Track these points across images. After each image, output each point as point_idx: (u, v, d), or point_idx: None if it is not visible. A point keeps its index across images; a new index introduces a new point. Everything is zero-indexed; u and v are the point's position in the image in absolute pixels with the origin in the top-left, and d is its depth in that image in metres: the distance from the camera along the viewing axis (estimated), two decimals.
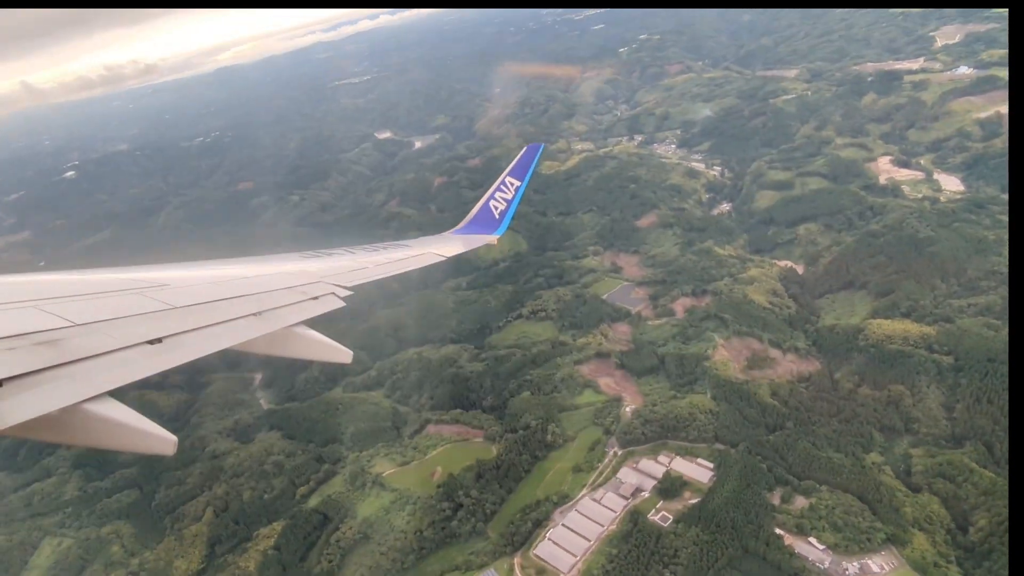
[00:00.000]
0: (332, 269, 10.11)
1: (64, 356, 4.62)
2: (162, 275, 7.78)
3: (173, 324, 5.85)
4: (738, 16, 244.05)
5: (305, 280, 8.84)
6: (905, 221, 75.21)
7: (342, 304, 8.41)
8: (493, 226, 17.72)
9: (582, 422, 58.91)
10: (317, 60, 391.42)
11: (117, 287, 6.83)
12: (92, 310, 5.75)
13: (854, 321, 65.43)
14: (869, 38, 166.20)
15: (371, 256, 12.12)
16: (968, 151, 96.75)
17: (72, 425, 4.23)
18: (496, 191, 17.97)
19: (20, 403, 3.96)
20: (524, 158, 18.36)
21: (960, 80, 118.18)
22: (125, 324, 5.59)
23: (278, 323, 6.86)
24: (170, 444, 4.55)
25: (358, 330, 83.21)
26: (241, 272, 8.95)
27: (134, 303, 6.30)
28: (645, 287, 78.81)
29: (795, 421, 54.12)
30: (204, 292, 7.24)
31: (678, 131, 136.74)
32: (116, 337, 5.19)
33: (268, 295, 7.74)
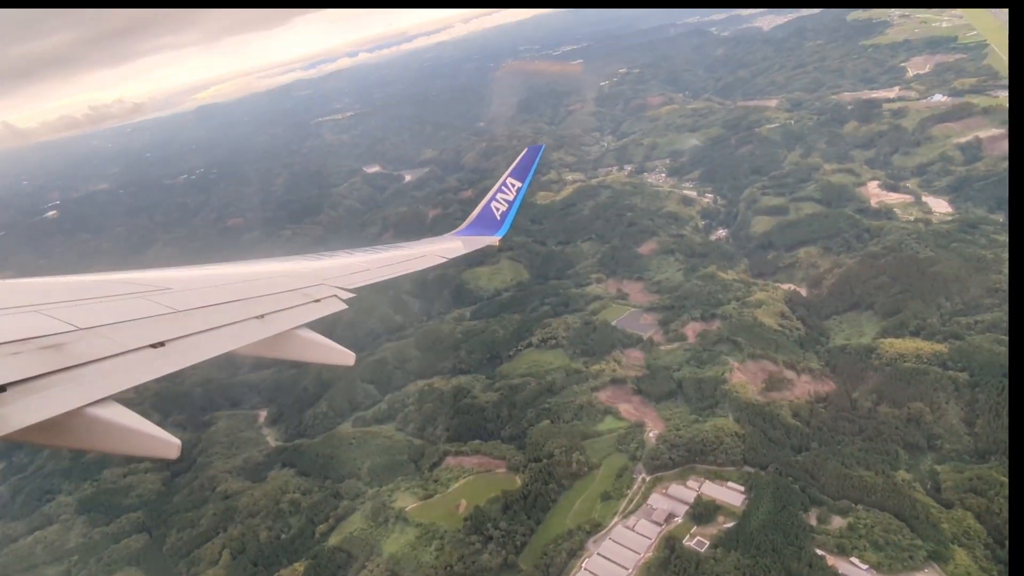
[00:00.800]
0: (334, 271, 10.15)
1: (68, 360, 4.64)
2: (164, 278, 7.82)
3: (176, 327, 5.88)
4: (712, 50, 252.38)
5: (307, 282, 8.89)
6: (904, 242, 77.23)
7: (344, 306, 8.45)
8: (495, 227, 18.00)
9: (605, 449, 58.51)
10: (298, 97, 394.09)
11: (119, 291, 6.88)
12: (95, 314, 5.76)
13: (864, 341, 66.45)
14: (843, 69, 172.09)
15: (372, 258, 12.16)
16: (952, 174, 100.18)
17: (76, 429, 4.23)
18: (497, 192, 18.13)
19: (25, 407, 3.96)
20: (525, 159, 18.38)
21: (937, 107, 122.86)
22: (128, 328, 5.62)
23: (281, 326, 6.89)
24: (174, 448, 4.58)
25: (365, 363, 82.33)
26: (243, 275, 9.00)
27: (137, 307, 6.36)
28: (653, 313, 79.34)
29: (819, 441, 54.46)
30: (206, 295, 7.29)
31: (667, 160, 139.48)
32: (119, 341, 5.22)
33: (270, 298, 7.77)
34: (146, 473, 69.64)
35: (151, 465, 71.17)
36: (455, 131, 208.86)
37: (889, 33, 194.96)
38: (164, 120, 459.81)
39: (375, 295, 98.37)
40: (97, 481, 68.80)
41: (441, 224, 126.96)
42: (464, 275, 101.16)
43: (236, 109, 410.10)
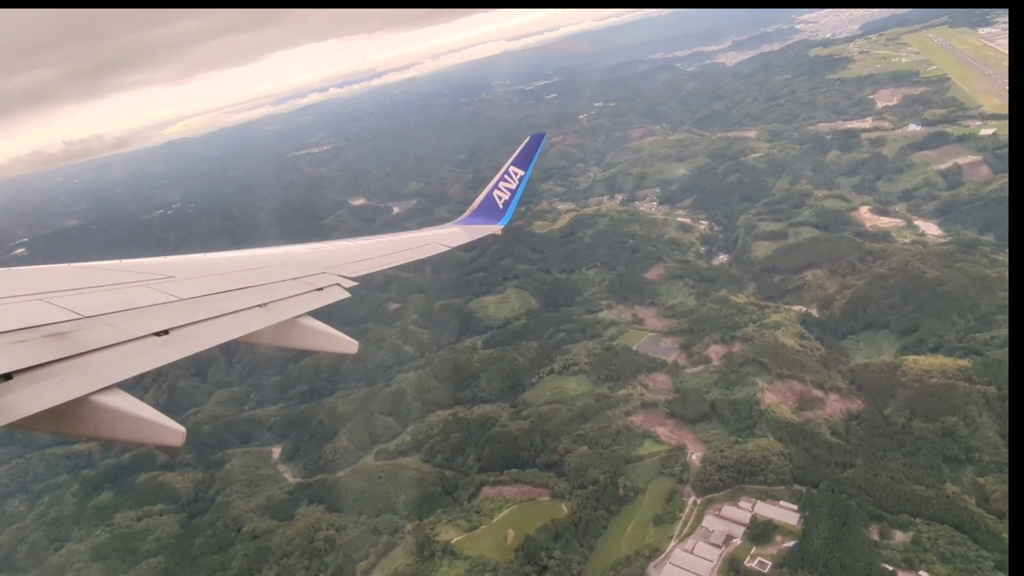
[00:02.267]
0: (337, 260, 10.19)
1: (73, 348, 4.66)
2: (168, 267, 7.88)
3: (179, 316, 5.91)
4: (682, 85, 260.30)
5: (310, 271, 8.94)
6: (909, 263, 79.97)
7: (347, 295, 8.49)
8: (497, 216, 17.92)
9: (649, 473, 58.25)
10: (269, 132, 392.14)
11: (123, 279, 6.95)
12: (99, 303, 5.79)
13: (885, 359, 68.15)
14: (814, 101, 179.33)
15: (375, 246, 12.23)
16: (938, 199, 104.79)
17: (82, 417, 4.25)
18: (500, 181, 18.14)
19: (31, 395, 4.00)
20: (527, 148, 18.44)
21: (913, 136, 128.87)
22: (132, 316, 5.64)
23: (284, 314, 6.89)
24: (179, 435, 4.54)
25: (382, 395, 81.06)
26: (246, 263, 9.08)
27: (141, 295, 6.38)
28: (673, 337, 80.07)
29: (862, 457, 55.25)
30: (210, 284, 7.35)
31: (657, 189, 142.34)
32: (123, 329, 5.23)
33: (274, 286, 7.82)
34: (161, 516, 66.52)
35: (165, 507, 68.24)
36: (438, 163, 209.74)
37: (852, 68, 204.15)
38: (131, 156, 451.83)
39: (383, 326, 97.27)
40: (110, 526, 65.21)
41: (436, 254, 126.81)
42: (471, 304, 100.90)
43: (206, 144, 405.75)
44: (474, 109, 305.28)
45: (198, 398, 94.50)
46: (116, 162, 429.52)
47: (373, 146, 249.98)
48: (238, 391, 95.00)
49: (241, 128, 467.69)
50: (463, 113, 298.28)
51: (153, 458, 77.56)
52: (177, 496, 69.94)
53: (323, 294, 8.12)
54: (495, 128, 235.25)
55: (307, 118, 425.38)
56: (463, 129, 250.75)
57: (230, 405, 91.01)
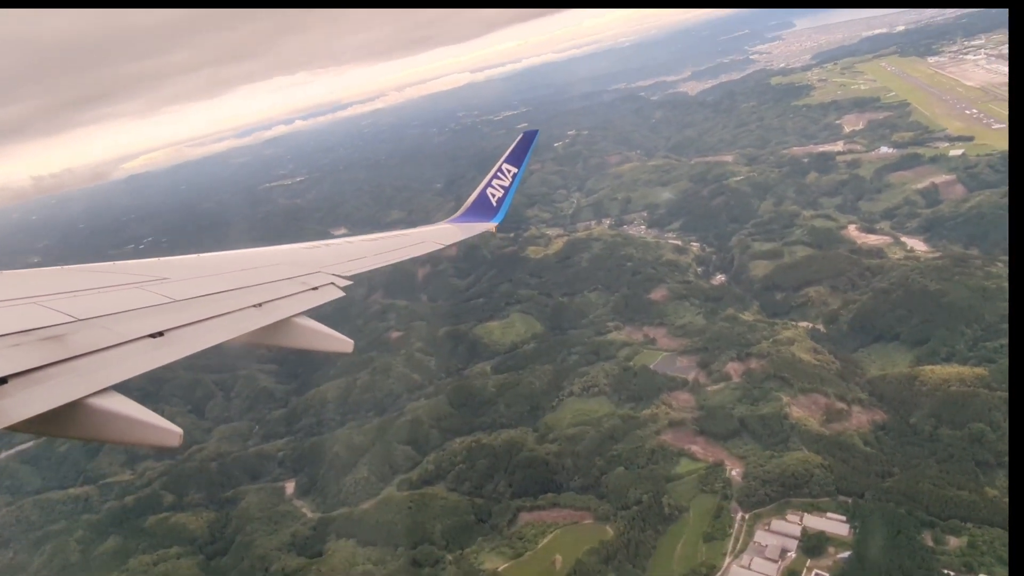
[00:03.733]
0: (331, 259, 10.39)
1: (68, 352, 4.73)
2: (162, 268, 7.97)
3: (174, 317, 6.04)
4: (650, 113, 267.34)
5: (304, 270, 9.06)
6: (909, 277, 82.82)
7: (342, 294, 8.58)
8: (491, 214, 18.14)
9: (689, 491, 58.13)
10: (236, 164, 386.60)
11: (117, 281, 7.00)
12: (93, 305, 5.87)
13: (900, 370, 69.97)
14: (783, 127, 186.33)
15: (369, 246, 12.40)
16: (919, 216, 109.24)
17: (78, 420, 4.32)
18: (493, 178, 18.38)
19: (27, 399, 4.05)
20: (520, 145, 18.81)
21: (886, 158, 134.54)
22: (127, 318, 5.73)
23: (279, 314, 7.04)
24: (176, 436, 4.58)
25: (398, 424, 79.39)
26: (240, 263, 9.17)
27: (135, 297, 6.48)
28: (688, 356, 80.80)
29: (898, 466, 56.28)
30: (204, 285, 7.42)
31: (644, 213, 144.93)
32: (118, 332, 5.32)
33: (268, 286, 7.94)
34: (179, 559, 63.18)
35: (182, 549, 64.99)
36: (416, 193, 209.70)
37: (815, 95, 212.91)
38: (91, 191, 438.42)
39: (386, 355, 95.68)
40: (125, 572, 61.55)
41: (432, 283, 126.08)
42: (476, 330, 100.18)
43: (171, 177, 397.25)
44: (445, 139, 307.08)
45: (197, 435, 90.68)
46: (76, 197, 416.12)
47: (348, 176, 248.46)
48: (240, 426, 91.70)
49: (207, 161, 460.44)
50: (434, 143, 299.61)
51: (159, 499, 74.03)
52: (192, 537, 66.56)
53: (318, 293, 8.17)
54: (469, 157, 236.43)
55: (274, 150, 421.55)
56: (437, 159, 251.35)
57: (234, 441, 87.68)
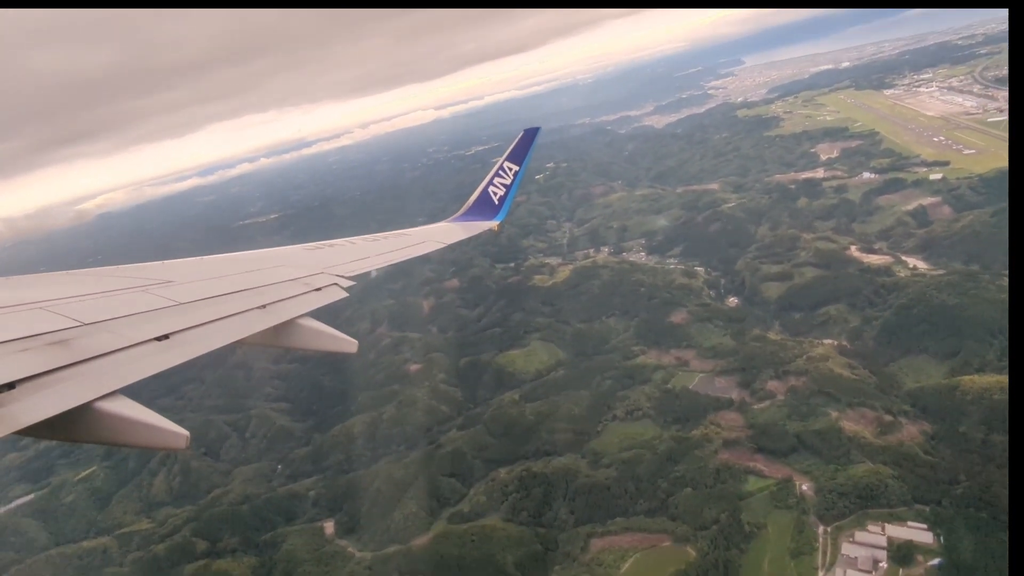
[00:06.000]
0: (334, 259, 10.57)
1: (75, 356, 4.83)
2: (166, 272, 8.10)
3: (179, 320, 6.15)
4: (623, 146, 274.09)
5: (308, 271, 9.21)
6: (926, 293, 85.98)
7: (345, 295, 8.81)
8: (493, 212, 18.54)
9: (764, 508, 58.09)
10: (203, 203, 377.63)
11: (122, 285, 7.12)
12: (99, 309, 5.96)
13: (937, 382, 72.10)
14: (761, 156, 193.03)
15: (372, 245, 12.65)
16: (914, 236, 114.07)
17: (85, 423, 4.40)
18: (495, 177, 18.69)
19: (35, 404, 4.13)
20: (521, 142, 18.91)
21: (871, 183, 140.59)
22: (132, 322, 5.82)
23: (283, 315, 7.16)
24: (182, 438, 4.66)
25: (437, 456, 77.50)
26: (244, 265, 9.36)
27: (140, 301, 6.60)
28: (726, 376, 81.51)
29: (963, 473, 57.52)
30: (208, 287, 7.55)
31: (642, 240, 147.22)
32: (124, 335, 5.41)
33: (272, 288, 8.05)
34: None
35: None
36: (404, 226, 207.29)
37: (784, 126, 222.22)
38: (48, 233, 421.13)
39: (410, 387, 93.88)
40: None
41: (440, 315, 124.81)
42: (499, 359, 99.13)
43: (134, 217, 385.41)
44: (419, 174, 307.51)
45: (216, 479, 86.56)
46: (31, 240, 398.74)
47: (325, 213, 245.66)
48: (261, 467, 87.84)
49: (170, 200, 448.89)
50: (408, 178, 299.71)
51: (192, 547, 69.95)
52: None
53: (322, 294, 8.31)
54: (448, 191, 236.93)
55: (241, 188, 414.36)
56: (415, 193, 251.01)
57: (258, 483, 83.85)
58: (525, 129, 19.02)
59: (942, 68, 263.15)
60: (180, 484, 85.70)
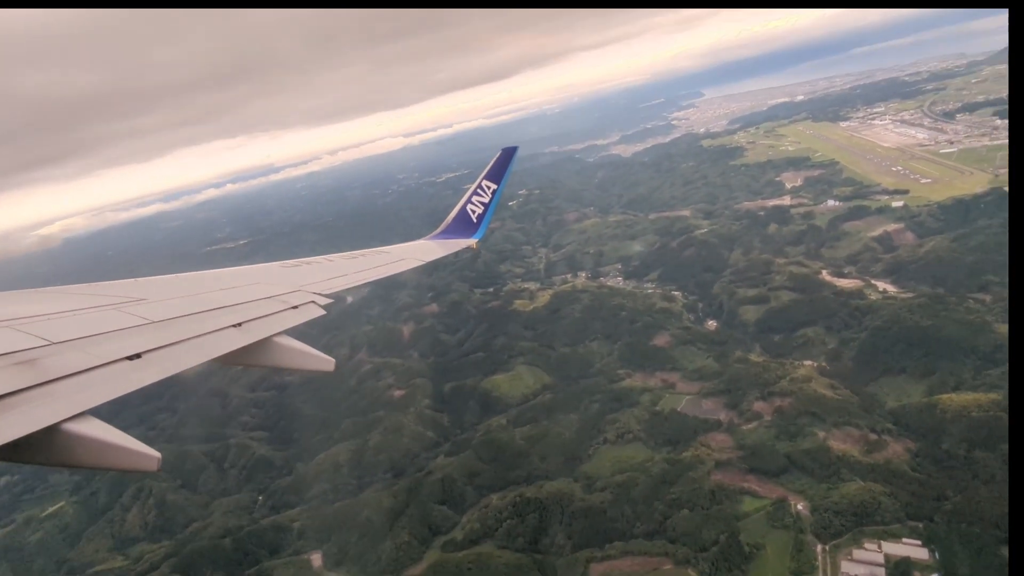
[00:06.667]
0: (311, 277, 10.41)
1: (42, 376, 4.70)
2: (139, 289, 7.99)
3: (152, 339, 6.00)
4: (592, 174, 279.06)
5: (285, 289, 9.10)
6: (899, 315, 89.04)
7: (323, 312, 8.61)
8: (471, 230, 18.59)
9: (761, 528, 58.58)
10: (168, 229, 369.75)
11: (92, 303, 6.95)
12: (68, 327, 5.84)
13: (916, 400, 74.37)
14: (728, 184, 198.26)
15: (350, 263, 12.49)
16: (882, 261, 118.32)
17: (53, 445, 4.24)
18: (473, 195, 18.77)
19: (0, 425, 4.00)
20: (499, 161, 19.10)
21: (835, 210, 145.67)
22: (103, 341, 5.69)
23: (259, 333, 7.03)
24: (154, 460, 4.49)
25: (427, 483, 76.31)
26: (219, 283, 9.17)
27: (111, 319, 6.43)
28: (712, 398, 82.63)
29: (950, 489, 59.19)
30: (182, 305, 7.41)
31: (618, 265, 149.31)
32: (94, 354, 5.27)
33: (248, 306, 7.93)
34: None
35: None
36: None
37: (748, 156, 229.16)
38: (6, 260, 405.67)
39: (394, 414, 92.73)
40: None
41: (420, 340, 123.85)
42: (484, 384, 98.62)
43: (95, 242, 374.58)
44: (391, 200, 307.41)
45: (194, 511, 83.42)
46: None
47: (295, 238, 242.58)
48: (242, 498, 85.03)
49: (133, 225, 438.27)
50: (380, 204, 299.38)
51: None
52: None
53: (299, 312, 8.20)
54: (421, 217, 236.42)
55: (207, 214, 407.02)
56: (387, 219, 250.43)
57: (239, 515, 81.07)
58: (503, 148, 19.30)
59: (893, 102, 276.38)
60: (156, 518, 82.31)
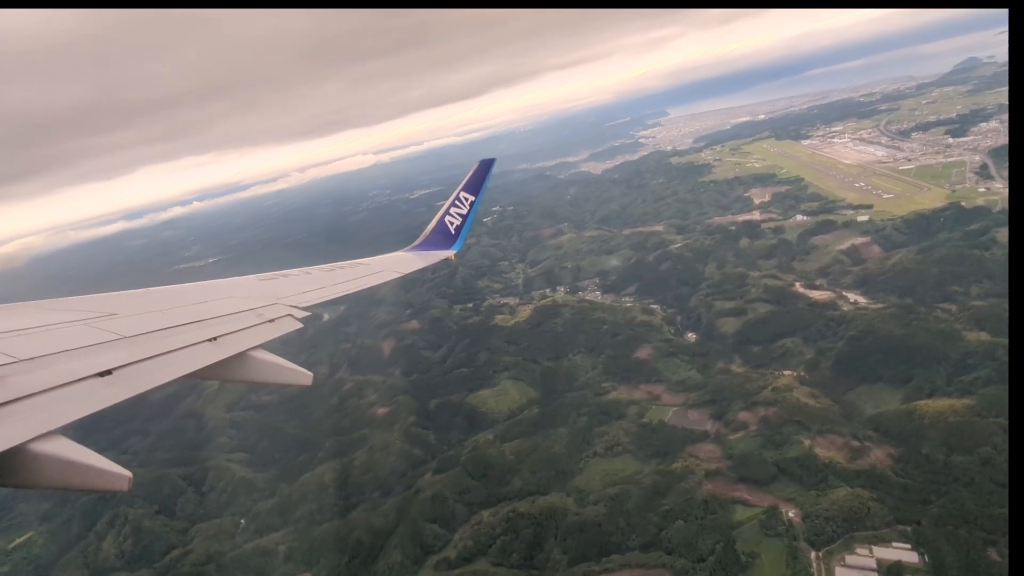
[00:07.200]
0: (288, 290, 10.29)
1: (8, 394, 4.56)
2: (110, 304, 7.82)
3: (123, 354, 5.87)
4: (564, 191, 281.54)
5: (261, 302, 8.99)
6: (874, 325, 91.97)
7: (300, 325, 8.55)
8: (449, 242, 18.73)
9: (755, 536, 59.50)
10: (132, 248, 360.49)
11: (62, 319, 6.81)
12: (36, 344, 5.74)
13: (895, 407, 76.72)
14: (698, 200, 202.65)
15: (327, 275, 12.37)
16: (851, 273, 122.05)
17: (19, 466, 4.10)
18: (451, 207, 18.89)
19: None
20: (477, 173, 19.23)
21: (804, 225, 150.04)
22: (72, 357, 5.58)
23: (234, 348, 6.94)
24: (124, 480, 4.38)
25: (417, 501, 75.68)
26: (194, 297, 9.07)
27: (81, 334, 6.29)
28: (698, 409, 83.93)
29: (933, 493, 61.09)
30: (155, 320, 7.31)
31: (596, 280, 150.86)
32: (63, 371, 5.17)
33: (223, 319, 7.85)
34: None
35: None
36: None
37: (716, 172, 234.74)
38: None
39: (379, 432, 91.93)
40: None
41: (403, 357, 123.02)
42: (469, 400, 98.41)
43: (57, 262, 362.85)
44: (364, 217, 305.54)
45: (173, 538, 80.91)
46: None
47: (269, 256, 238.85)
48: (224, 522, 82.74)
49: (96, 244, 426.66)
50: (352, 221, 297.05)
51: None
52: None
53: (275, 325, 8.12)
54: (395, 234, 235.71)
55: (173, 232, 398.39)
56: (361, 235, 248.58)
57: (222, 540, 78.85)
58: (480, 160, 19.46)
59: (850, 121, 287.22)
60: (132, 546, 79.57)
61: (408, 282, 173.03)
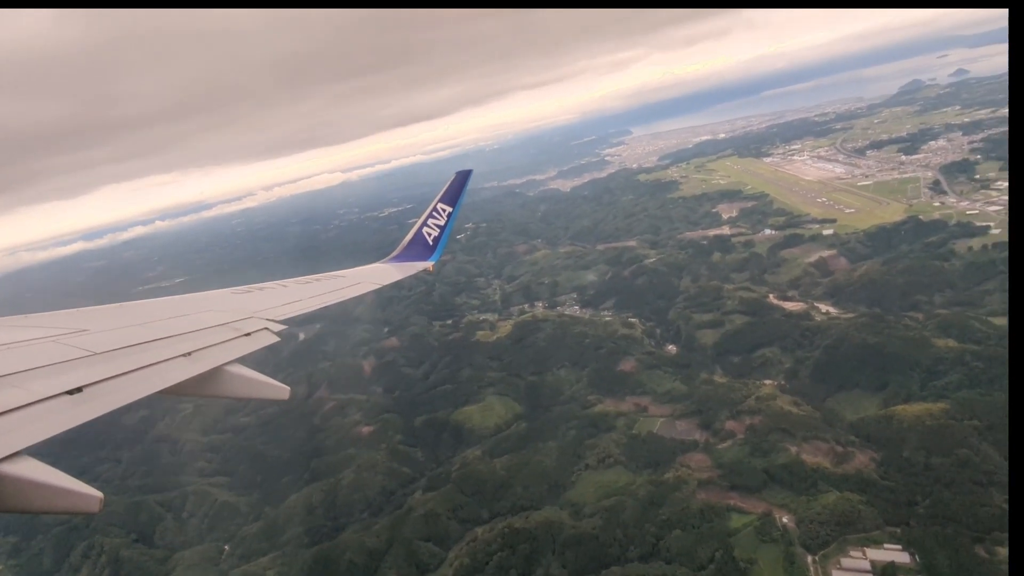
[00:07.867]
0: (264, 303, 10.15)
1: None
2: (80, 320, 7.75)
3: (94, 371, 5.74)
4: (535, 207, 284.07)
5: (236, 316, 8.87)
6: (847, 334, 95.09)
7: (276, 339, 8.45)
8: (428, 253, 18.71)
9: (751, 543, 60.61)
10: (91, 269, 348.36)
11: (30, 336, 6.69)
12: (3, 362, 5.61)
13: (873, 413, 79.35)
14: (668, 216, 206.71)
15: (304, 288, 12.23)
16: (821, 285, 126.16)
17: None
18: (428, 218, 18.89)
19: None
20: (454, 184, 19.40)
21: (772, 239, 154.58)
22: (41, 375, 5.45)
23: (210, 363, 6.82)
24: (95, 501, 4.25)
25: (409, 520, 75.02)
26: (168, 311, 8.90)
27: (50, 351, 6.18)
28: (685, 419, 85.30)
29: (918, 494, 63.31)
30: (128, 335, 7.14)
31: (574, 295, 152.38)
32: (31, 390, 5.02)
33: (197, 334, 7.72)
34: None
35: None
36: None
37: (683, 189, 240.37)
38: None
39: (366, 451, 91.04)
40: None
41: (384, 375, 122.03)
42: (455, 416, 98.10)
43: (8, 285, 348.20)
44: (333, 235, 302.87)
45: (152, 567, 78.21)
46: None
47: (238, 276, 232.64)
48: (206, 549, 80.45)
49: (53, 265, 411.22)
50: (322, 239, 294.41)
51: None
52: None
53: (251, 339, 8.02)
54: (367, 251, 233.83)
55: (135, 252, 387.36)
56: (333, 253, 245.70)
57: (205, 568, 76.66)
58: (457, 171, 19.66)
59: (808, 140, 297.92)
60: None
61: (385, 299, 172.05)
